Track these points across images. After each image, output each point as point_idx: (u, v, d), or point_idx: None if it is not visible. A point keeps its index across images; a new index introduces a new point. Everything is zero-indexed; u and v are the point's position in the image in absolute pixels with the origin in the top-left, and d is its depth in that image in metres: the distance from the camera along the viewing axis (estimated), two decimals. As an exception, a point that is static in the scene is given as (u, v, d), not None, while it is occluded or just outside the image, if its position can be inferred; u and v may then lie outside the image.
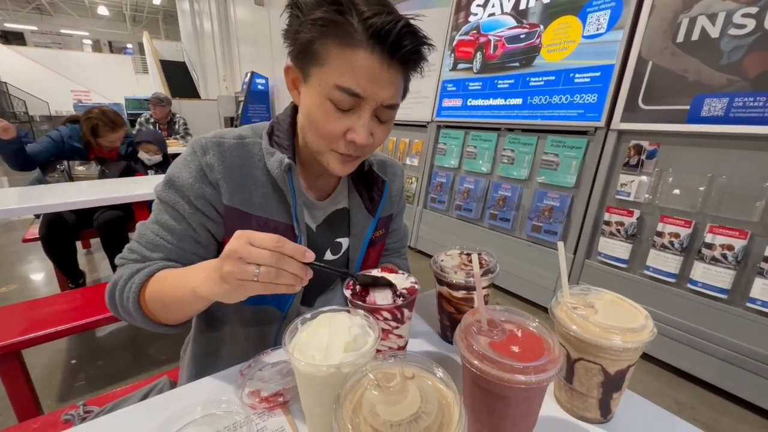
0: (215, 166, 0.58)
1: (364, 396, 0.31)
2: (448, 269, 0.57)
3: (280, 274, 0.43)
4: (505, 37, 2.35)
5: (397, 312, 0.47)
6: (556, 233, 2.08)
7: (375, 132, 0.56)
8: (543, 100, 2.16)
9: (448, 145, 2.76)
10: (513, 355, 0.37)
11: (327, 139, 0.55)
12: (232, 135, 0.63)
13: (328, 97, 0.51)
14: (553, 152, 2.11)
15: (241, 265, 0.42)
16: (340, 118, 0.53)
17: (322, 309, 0.45)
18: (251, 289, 0.44)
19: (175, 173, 0.59)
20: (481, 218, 2.53)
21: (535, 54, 2.19)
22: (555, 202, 2.09)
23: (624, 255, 1.80)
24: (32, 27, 13.83)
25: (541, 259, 2.16)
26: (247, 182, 0.61)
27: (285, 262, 0.43)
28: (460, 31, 2.64)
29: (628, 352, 0.40)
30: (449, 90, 2.75)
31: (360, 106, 0.53)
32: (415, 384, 0.32)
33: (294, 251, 0.43)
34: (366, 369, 0.33)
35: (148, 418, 0.47)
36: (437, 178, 2.83)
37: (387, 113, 0.56)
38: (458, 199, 2.64)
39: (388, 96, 0.53)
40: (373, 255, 0.77)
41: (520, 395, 0.37)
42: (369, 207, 0.72)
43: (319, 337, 0.40)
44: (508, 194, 2.34)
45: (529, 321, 0.41)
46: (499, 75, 2.40)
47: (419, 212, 2.97)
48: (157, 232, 0.59)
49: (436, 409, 0.30)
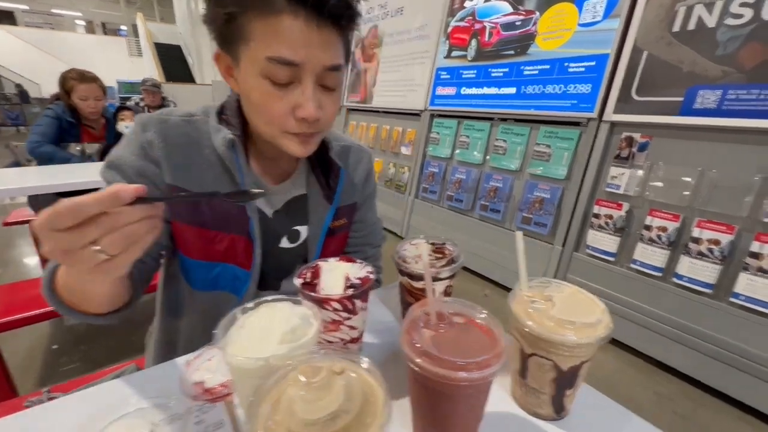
0: (155, 143, 0.55)
1: (286, 393, 0.29)
2: (409, 259, 0.55)
3: (125, 235, 0.33)
4: (500, 23, 2.30)
5: (347, 302, 0.45)
6: (545, 225, 2.06)
7: (324, 102, 0.53)
8: (537, 90, 2.11)
9: (441, 134, 2.72)
10: (457, 351, 0.35)
11: (275, 122, 0.52)
12: (180, 113, 0.60)
13: (262, 75, 0.48)
14: (545, 143, 2.08)
15: (54, 242, 0.31)
16: (282, 97, 0.49)
17: (266, 297, 0.43)
18: (92, 260, 0.33)
19: (116, 152, 0.56)
20: (472, 209, 2.51)
21: (530, 42, 2.14)
22: (546, 194, 2.07)
23: (612, 248, 1.78)
24: (23, 6, 13.50)
25: (530, 251, 2.12)
26: (194, 161, 0.58)
27: (112, 221, 0.32)
28: (456, 17, 2.58)
29: (581, 348, 0.38)
30: (443, 78, 2.70)
31: (299, 77, 0.49)
32: (344, 379, 0.30)
33: (106, 200, 0.31)
34: (293, 363, 0.31)
35: (83, 408, 0.45)
36: (429, 167, 2.80)
37: (332, 78, 0.52)
38: (450, 189, 2.61)
39: (326, 58, 0.49)
40: (333, 246, 0.74)
41: (463, 392, 0.35)
42: (327, 194, 0.70)
43: (255, 328, 0.38)
44: (499, 185, 2.31)
45: (477, 312, 0.39)
46: (493, 63, 2.35)
47: (411, 202, 2.94)
48: None
49: (359, 407, 0.28)
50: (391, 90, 3.19)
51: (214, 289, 0.66)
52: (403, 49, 3.04)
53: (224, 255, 0.63)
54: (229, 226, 0.62)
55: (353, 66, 3.65)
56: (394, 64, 3.14)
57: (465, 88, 2.53)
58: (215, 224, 0.61)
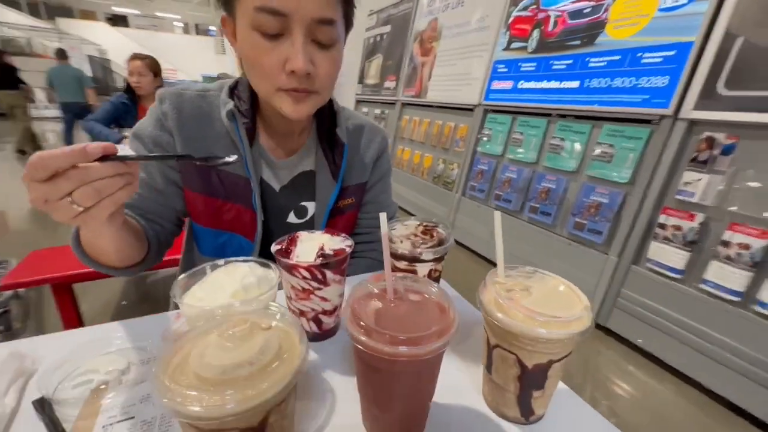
0: (170, 114, 0.59)
1: (207, 340, 0.30)
2: (395, 238, 0.53)
3: (95, 189, 0.35)
4: (567, 11, 2.12)
5: (316, 272, 0.45)
6: (600, 233, 1.87)
7: (317, 59, 0.51)
8: (603, 83, 1.91)
9: (494, 130, 2.59)
10: (400, 326, 0.33)
11: (267, 77, 0.52)
12: (198, 87, 0.64)
13: (252, 27, 0.48)
14: (608, 142, 1.88)
15: (53, 208, 0.35)
16: (272, 49, 0.49)
17: (237, 258, 0.44)
18: (69, 212, 0.36)
19: (138, 124, 0.61)
20: (520, 210, 2.36)
21: (599, 30, 1.94)
22: (604, 198, 1.87)
23: (679, 264, 1.56)
24: (135, 11, 15.57)
25: (581, 260, 1.96)
26: (206, 134, 0.61)
27: (82, 174, 0.34)
28: (518, 7, 2.43)
29: (546, 343, 0.33)
30: (500, 71, 2.56)
31: (289, 28, 0.48)
32: (267, 335, 0.30)
33: (70, 155, 0.33)
34: (224, 315, 0.32)
35: (73, 343, 0.49)
36: (479, 165, 2.69)
37: (325, 32, 0.50)
38: (499, 188, 2.48)
39: (316, 9, 0.48)
40: (341, 225, 0.74)
41: (404, 368, 0.33)
42: (334, 171, 0.69)
43: (215, 282, 0.39)
44: (552, 186, 2.15)
45: (431, 287, 0.36)
46: (555, 55, 2.18)
47: (457, 200, 2.85)
48: None
49: (267, 362, 0.27)
50: (446, 84, 3.11)
51: (221, 255, 0.69)
52: (461, 41, 2.95)
53: (231, 224, 0.67)
54: (236, 197, 0.65)
55: (410, 60, 3.63)
56: (451, 57, 3.06)
57: (523, 81, 2.38)
58: (223, 194, 0.65)
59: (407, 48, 3.69)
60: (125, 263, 0.57)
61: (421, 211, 3.33)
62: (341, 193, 0.73)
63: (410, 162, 3.50)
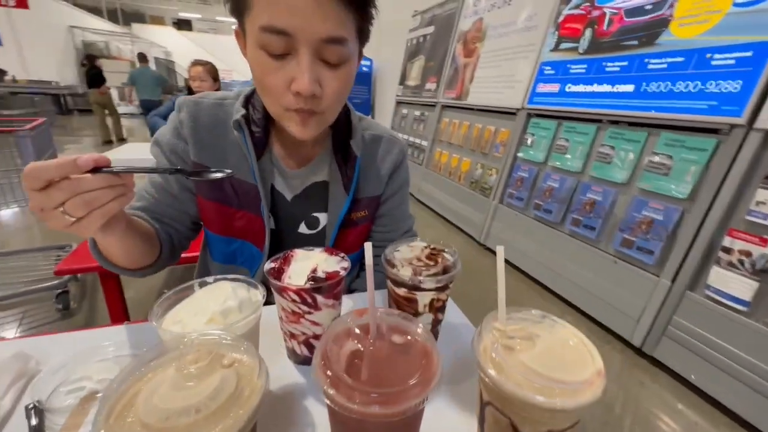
0: (185, 122, 0.60)
1: (166, 373, 0.28)
2: (396, 262, 0.49)
3: (85, 201, 0.36)
4: (624, 9, 1.94)
5: (306, 296, 0.43)
6: (652, 253, 1.69)
7: (325, 78, 0.49)
8: (662, 88, 1.73)
9: (537, 136, 2.45)
10: (375, 375, 0.29)
11: (274, 96, 0.50)
12: (216, 96, 0.64)
13: (259, 45, 0.47)
14: (665, 153, 1.70)
15: (48, 217, 0.37)
16: (278, 68, 0.47)
17: (227, 276, 0.43)
18: (62, 222, 0.37)
19: (159, 131, 0.63)
20: (561, 222, 2.21)
21: (662, 29, 1.75)
22: (657, 214, 1.69)
23: (745, 295, 1.37)
24: (198, 15, 16.69)
25: (627, 281, 1.79)
26: (220, 142, 0.62)
27: (72, 186, 0.35)
28: (570, 5, 2.27)
29: (542, 412, 0.28)
30: (546, 73, 2.41)
31: (295, 48, 0.46)
32: (225, 373, 0.28)
33: (60, 167, 0.34)
34: (187, 344, 0.30)
35: (75, 347, 0.51)
36: (519, 172, 2.56)
37: (333, 51, 0.47)
38: (539, 197, 2.34)
39: (323, 28, 0.45)
40: (352, 237, 0.72)
41: (377, 427, 0.29)
42: (346, 183, 0.67)
43: (197, 303, 0.38)
44: (598, 198, 1.98)
45: (416, 328, 0.32)
46: (609, 56, 2.00)
47: (494, 207, 2.73)
48: (144, 185, 0.64)
49: (216, 409, 0.25)
50: (488, 86, 2.99)
51: (232, 263, 0.70)
52: (506, 42, 2.82)
53: (242, 232, 0.67)
54: (248, 205, 0.65)
55: (453, 61, 3.54)
56: (495, 58, 2.94)
57: (571, 85, 2.22)
58: (236, 202, 0.65)
59: (450, 49, 3.60)
60: (134, 265, 0.58)
61: (455, 216, 3.24)
62: (354, 205, 0.71)
63: (447, 165, 3.42)
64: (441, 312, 0.50)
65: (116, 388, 0.27)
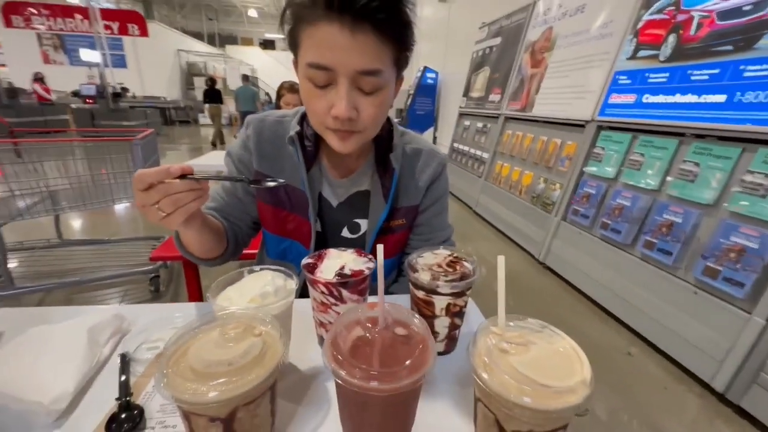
0: (251, 137, 0.71)
1: (209, 335, 0.36)
2: (419, 267, 0.53)
3: (168, 202, 0.47)
4: (717, 11, 1.75)
5: (332, 289, 0.49)
6: (742, 285, 1.48)
7: (361, 104, 0.56)
8: (762, 98, 1.52)
9: (607, 150, 2.28)
10: (376, 358, 0.34)
11: (317, 117, 0.58)
12: (278, 113, 0.74)
13: (306, 77, 0.55)
14: (763, 171, 1.48)
15: (146, 211, 0.48)
16: (321, 96, 0.55)
17: (270, 266, 0.51)
18: (156, 216, 0.48)
19: (231, 144, 0.75)
20: (632, 244, 2.02)
21: (763, 32, 1.55)
22: (751, 242, 1.48)
23: None
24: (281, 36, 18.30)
25: (709, 315, 1.58)
26: (278, 153, 0.71)
27: (165, 188, 0.46)
28: (651, 9, 2.10)
29: (523, 411, 0.30)
30: (621, 83, 2.25)
31: (335, 80, 0.53)
32: (255, 340, 0.35)
33: (158, 173, 0.45)
34: (227, 316, 0.38)
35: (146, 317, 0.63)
36: (585, 188, 2.40)
37: (369, 82, 0.54)
38: (607, 216, 2.17)
39: (359, 63, 0.52)
40: (390, 244, 0.77)
41: (379, 401, 0.34)
42: (385, 193, 0.73)
43: (243, 286, 0.46)
44: (677, 220, 1.78)
45: (416, 321, 0.36)
46: (696, 63, 1.81)
47: (556, 224, 2.59)
48: (217, 189, 0.76)
49: (244, 365, 0.32)
50: (556, 97, 2.86)
51: (283, 259, 0.80)
52: (578, 51, 2.68)
53: (292, 233, 0.76)
54: (299, 209, 0.74)
55: (518, 72, 3.45)
56: (564, 68, 2.81)
57: (648, 95, 2.04)
58: (289, 206, 0.74)
59: (516, 60, 3.52)
60: (206, 255, 0.70)
61: (513, 231, 3.12)
62: (392, 214, 0.76)
63: (508, 179, 3.32)
64: (458, 317, 0.52)
65: (175, 341, 0.35)
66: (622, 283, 2.00)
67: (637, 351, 1.82)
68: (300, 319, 0.59)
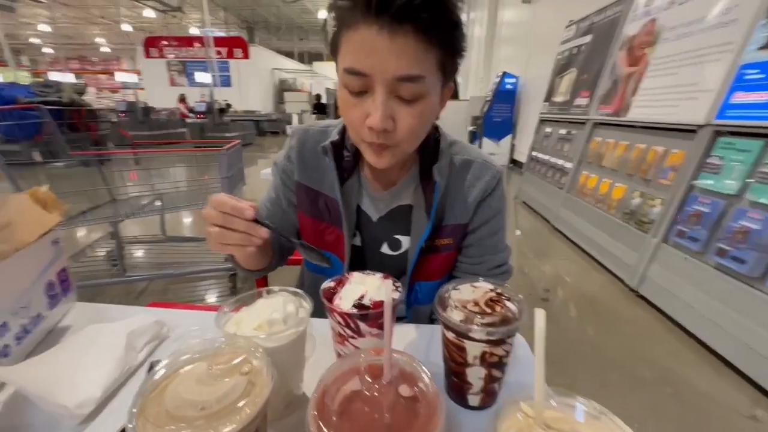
0: (294, 148, 0.71)
1: (195, 367, 0.33)
2: (449, 302, 0.45)
3: (225, 234, 0.47)
4: None
5: (348, 320, 0.44)
6: None
7: (399, 114, 0.51)
8: None
9: (727, 159, 1.87)
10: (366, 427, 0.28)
11: (353, 128, 0.55)
12: (323, 124, 0.73)
13: (342, 84, 0.52)
14: None
15: (206, 227, 0.49)
16: (356, 104, 0.51)
17: (287, 288, 0.48)
18: (218, 246, 0.50)
19: (278, 154, 0.75)
20: (762, 279, 1.61)
21: None
22: None
23: None
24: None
25: None
26: (320, 164, 0.70)
27: (231, 220, 0.47)
28: (796, -15, 1.68)
29: None
30: (750, 78, 1.83)
31: (371, 87, 0.49)
32: (239, 380, 0.31)
33: (234, 209, 0.46)
34: (215, 346, 0.35)
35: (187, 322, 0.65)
36: (695, 204, 1.99)
37: (408, 88, 0.49)
38: (725, 241, 1.77)
39: (396, 67, 0.47)
40: (436, 264, 0.70)
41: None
42: (428, 209, 0.66)
43: (255, 309, 0.44)
44: (832, 252, 1.37)
45: (427, 380, 0.29)
46: None
47: (655, 246, 2.20)
48: (265, 199, 0.78)
49: (219, 410, 0.29)
50: (658, 99, 2.46)
51: (320, 273, 0.78)
52: (688, 44, 2.27)
53: (331, 245, 0.74)
54: (335, 221, 0.71)
55: (611, 72, 3.06)
56: (670, 65, 2.40)
57: (790, 91, 1.63)
58: (328, 218, 0.72)
59: (609, 59, 3.13)
60: (254, 268, 0.71)
61: (599, 251, 2.74)
62: (437, 232, 0.69)
63: (595, 191, 2.94)
64: (497, 368, 0.43)
65: (163, 367, 0.33)
66: (746, 326, 1.60)
67: (764, 415, 1.43)
68: (323, 342, 0.55)
